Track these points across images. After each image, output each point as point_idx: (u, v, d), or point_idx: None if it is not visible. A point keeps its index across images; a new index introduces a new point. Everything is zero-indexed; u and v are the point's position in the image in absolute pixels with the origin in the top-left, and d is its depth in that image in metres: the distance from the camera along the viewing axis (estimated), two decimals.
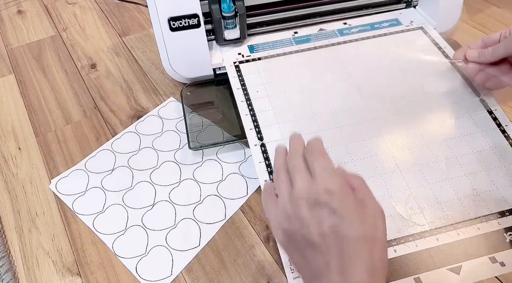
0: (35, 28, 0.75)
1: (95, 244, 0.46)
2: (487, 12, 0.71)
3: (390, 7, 0.64)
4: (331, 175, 0.30)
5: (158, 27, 0.53)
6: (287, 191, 0.31)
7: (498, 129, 0.48)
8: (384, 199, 0.43)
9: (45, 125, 0.58)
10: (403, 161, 0.46)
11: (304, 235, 0.29)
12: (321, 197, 0.28)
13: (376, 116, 0.50)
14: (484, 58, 0.48)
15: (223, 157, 0.52)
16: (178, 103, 0.59)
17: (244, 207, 0.48)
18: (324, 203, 0.28)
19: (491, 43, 0.49)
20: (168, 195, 0.49)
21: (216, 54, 0.58)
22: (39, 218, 0.48)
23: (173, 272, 0.43)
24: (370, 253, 0.27)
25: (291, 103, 0.52)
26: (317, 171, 0.30)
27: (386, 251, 0.29)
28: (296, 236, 0.29)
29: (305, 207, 0.29)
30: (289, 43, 0.59)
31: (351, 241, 0.27)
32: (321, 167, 0.30)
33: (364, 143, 0.48)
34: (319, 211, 0.28)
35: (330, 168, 0.30)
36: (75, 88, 0.63)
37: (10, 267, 0.44)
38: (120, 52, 0.69)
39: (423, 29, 0.60)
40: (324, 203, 0.28)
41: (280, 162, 0.34)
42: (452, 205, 0.43)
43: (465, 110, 0.50)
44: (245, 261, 0.44)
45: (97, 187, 0.50)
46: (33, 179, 0.52)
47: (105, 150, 0.54)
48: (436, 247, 0.40)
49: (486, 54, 0.47)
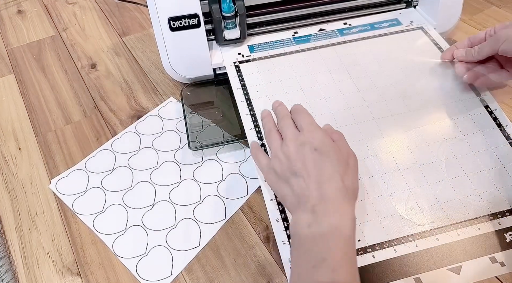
0: (35, 28, 0.75)
1: (95, 244, 0.46)
2: (487, 12, 0.71)
3: (390, 7, 0.64)
4: (315, 128, 0.39)
5: (158, 27, 0.53)
6: (279, 143, 0.39)
7: (498, 129, 0.48)
8: (384, 198, 0.43)
9: (45, 125, 0.58)
10: (403, 161, 0.46)
11: (290, 168, 0.37)
12: (307, 140, 0.37)
13: (376, 116, 0.50)
14: (471, 57, 0.48)
15: (223, 157, 0.52)
16: (178, 103, 0.59)
17: (244, 207, 0.48)
18: (308, 143, 0.37)
19: (477, 42, 0.49)
20: (168, 195, 0.49)
21: (216, 54, 0.58)
22: (39, 218, 0.48)
23: (173, 272, 0.43)
24: (341, 179, 0.35)
25: (291, 103, 0.51)
26: (303, 126, 0.39)
27: (357, 181, 0.37)
28: (284, 171, 0.37)
29: (293, 147, 0.37)
30: (289, 43, 0.59)
31: (326, 169, 0.35)
32: (306, 123, 0.39)
33: (364, 142, 0.48)
34: (304, 149, 0.37)
35: (315, 124, 0.39)
36: (75, 88, 0.63)
37: (10, 267, 0.44)
38: (120, 52, 0.69)
39: (423, 29, 0.60)
40: (308, 143, 0.37)
41: (271, 124, 0.43)
42: (452, 205, 0.43)
43: (465, 110, 0.50)
44: (245, 261, 0.44)
45: (97, 187, 0.50)
46: (33, 179, 0.52)
47: (105, 149, 0.54)
48: (436, 247, 0.40)
49: (473, 53, 0.48)
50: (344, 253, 0.31)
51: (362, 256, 0.40)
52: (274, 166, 0.39)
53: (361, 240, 0.41)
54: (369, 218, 0.42)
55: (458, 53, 0.50)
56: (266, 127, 0.43)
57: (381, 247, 0.41)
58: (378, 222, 0.42)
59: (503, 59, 0.48)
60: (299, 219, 0.34)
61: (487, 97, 0.50)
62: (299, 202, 0.35)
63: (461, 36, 0.66)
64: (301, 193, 0.35)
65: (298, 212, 0.35)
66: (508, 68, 0.47)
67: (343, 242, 0.32)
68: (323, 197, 0.34)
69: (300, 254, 0.33)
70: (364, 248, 0.41)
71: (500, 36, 0.44)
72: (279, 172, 0.38)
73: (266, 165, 0.41)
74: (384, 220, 0.42)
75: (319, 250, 0.32)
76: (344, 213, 0.34)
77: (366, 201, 0.43)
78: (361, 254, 0.40)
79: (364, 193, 0.44)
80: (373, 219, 0.42)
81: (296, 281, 0.32)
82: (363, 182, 0.45)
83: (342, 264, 0.31)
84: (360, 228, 0.42)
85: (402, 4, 0.64)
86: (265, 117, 0.45)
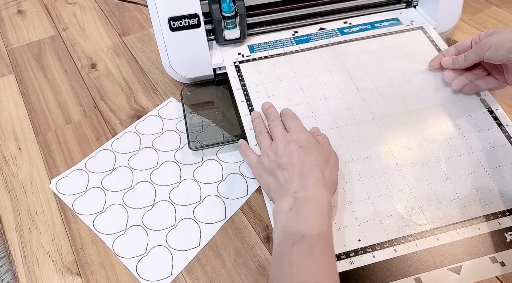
0: (35, 28, 0.75)
1: (95, 244, 0.46)
2: (487, 12, 0.71)
3: (390, 7, 0.64)
4: (302, 129, 0.44)
5: (158, 27, 0.53)
6: (269, 142, 0.44)
7: (499, 129, 0.48)
8: (384, 198, 0.43)
9: (45, 125, 0.58)
10: (404, 161, 0.46)
11: (277, 161, 0.41)
12: (293, 139, 0.42)
13: (376, 116, 0.50)
14: (458, 65, 0.50)
15: (223, 156, 0.52)
16: (178, 103, 0.59)
17: (244, 207, 0.48)
18: (295, 141, 0.41)
19: (463, 49, 0.51)
20: (168, 195, 0.49)
21: (216, 54, 0.58)
22: (39, 218, 0.48)
23: (173, 272, 0.43)
24: (322, 172, 0.39)
25: (291, 103, 0.52)
26: (292, 127, 0.44)
27: (336, 176, 0.41)
28: (271, 164, 0.41)
29: (281, 144, 0.42)
30: (289, 43, 0.59)
31: (309, 163, 0.39)
32: (294, 125, 0.44)
33: (364, 142, 0.48)
34: (291, 146, 0.41)
35: (302, 126, 0.44)
36: (75, 88, 0.63)
37: (10, 267, 0.44)
38: (120, 52, 0.69)
39: (423, 29, 0.60)
40: (294, 141, 0.41)
41: (262, 125, 0.47)
42: (453, 205, 0.43)
43: (465, 110, 0.50)
44: (245, 261, 0.44)
45: (97, 187, 0.50)
46: (33, 179, 0.52)
47: (105, 149, 0.54)
48: (436, 246, 0.40)
49: (459, 60, 0.50)
50: (321, 231, 0.35)
51: (362, 256, 0.40)
52: (263, 161, 0.43)
53: (361, 240, 0.41)
54: (369, 218, 0.42)
55: (445, 61, 0.52)
56: (257, 128, 0.47)
57: (381, 247, 0.40)
58: (378, 221, 0.42)
59: (489, 66, 0.49)
60: (281, 204, 0.38)
61: (487, 97, 0.50)
62: (281, 190, 0.39)
63: (461, 36, 0.66)
64: (284, 182, 0.39)
65: (281, 199, 0.38)
66: (494, 74, 0.49)
67: (320, 222, 0.36)
68: (303, 185, 0.38)
69: (281, 233, 0.36)
70: (364, 247, 0.41)
71: (484, 44, 0.46)
72: (266, 165, 0.42)
73: (255, 160, 0.45)
74: (384, 219, 0.42)
75: (298, 230, 0.35)
76: (322, 197, 0.37)
77: (367, 201, 0.43)
78: (361, 254, 0.40)
79: (364, 192, 0.44)
80: (373, 218, 0.42)
81: (278, 257, 0.35)
82: (363, 182, 0.45)
83: (318, 240, 0.34)
84: (360, 228, 0.42)
85: (402, 4, 0.64)
86: (255, 119, 0.48)
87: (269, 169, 0.41)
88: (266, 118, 0.48)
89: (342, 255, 0.40)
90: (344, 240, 0.41)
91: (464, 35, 0.66)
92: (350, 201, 0.44)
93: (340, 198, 0.44)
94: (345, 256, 0.40)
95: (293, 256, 0.34)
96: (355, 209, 0.43)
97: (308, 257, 0.33)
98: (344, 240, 0.41)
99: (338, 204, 0.43)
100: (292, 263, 0.33)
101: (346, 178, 0.45)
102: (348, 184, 0.45)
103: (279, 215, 0.38)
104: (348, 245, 0.41)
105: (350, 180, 0.45)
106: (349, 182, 0.45)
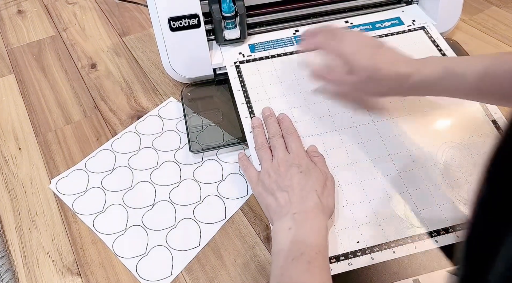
0: (35, 28, 0.75)
1: (95, 244, 0.46)
2: (487, 12, 0.71)
3: (389, 8, 0.64)
4: (302, 153, 0.45)
5: (158, 27, 0.53)
6: (270, 159, 0.45)
7: (498, 133, 0.48)
8: (383, 201, 0.43)
9: (45, 125, 0.58)
10: (402, 163, 0.46)
11: (278, 183, 0.43)
12: (294, 163, 0.44)
13: (375, 119, 0.50)
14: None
15: (223, 157, 0.52)
16: (178, 103, 0.59)
17: (244, 207, 0.48)
18: (296, 166, 0.43)
19: None
20: (168, 195, 0.49)
21: (216, 54, 0.58)
22: (39, 218, 0.49)
23: (173, 272, 0.43)
24: (319, 196, 0.41)
25: (290, 105, 0.51)
26: (293, 149, 0.46)
27: (332, 200, 0.43)
28: (272, 185, 0.43)
29: (283, 167, 0.44)
30: (290, 43, 0.59)
31: (308, 188, 0.41)
32: (295, 147, 0.46)
33: (363, 145, 0.48)
34: (292, 170, 0.43)
35: (302, 148, 0.46)
36: (75, 88, 0.63)
37: (10, 267, 0.45)
38: (120, 52, 0.69)
39: (425, 29, 0.59)
40: (295, 166, 0.43)
41: (262, 138, 0.48)
42: (452, 207, 0.43)
43: (464, 113, 0.50)
44: (245, 261, 0.44)
45: (97, 187, 0.51)
46: (33, 179, 0.52)
47: (105, 149, 0.54)
48: (435, 249, 0.40)
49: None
50: (318, 250, 0.37)
51: (360, 258, 0.40)
52: (263, 179, 0.44)
53: (359, 242, 0.41)
54: (368, 220, 0.42)
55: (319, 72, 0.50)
56: (258, 140, 0.48)
57: (380, 249, 0.41)
58: (377, 224, 0.42)
59: None
60: (281, 224, 0.40)
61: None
62: (281, 210, 0.41)
63: (461, 36, 0.66)
64: (284, 204, 0.41)
65: (281, 219, 0.40)
66: None
67: (318, 242, 0.38)
68: (302, 208, 0.40)
69: (281, 251, 0.38)
70: (362, 249, 0.41)
71: None
72: (266, 185, 0.43)
73: (255, 177, 0.46)
74: (383, 222, 0.42)
75: (298, 247, 0.37)
76: (320, 220, 0.40)
77: (365, 203, 0.44)
78: (359, 256, 0.40)
79: (363, 195, 0.44)
80: (372, 221, 0.42)
81: (277, 271, 0.37)
82: (362, 184, 0.45)
83: (316, 257, 0.37)
84: (359, 230, 0.42)
85: (402, 4, 0.64)
86: (256, 127, 0.49)
87: (269, 189, 0.43)
88: (267, 129, 0.49)
89: (340, 256, 0.40)
90: (343, 242, 0.41)
91: (464, 35, 0.66)
92: (349, 203, 0.44)
93: (339, 200, 0.44)
94: (343, 258, 0.40)
95: (292, 271, 0.36)
96: (353, 211, 0.43)
97: (306, 272, 0.36)
98: (343, 242, 0.41)
99: (337, 206, 0.43)
100: (292, 277, 0.36)
101: (345, 180, 0.45)
102: (347, 186, 0.45)
103: (278, 234, 0.40)
104: (347, 246, 0.41)
105: (349, 183, 0.45)
106: (348, 184, 0.45)
